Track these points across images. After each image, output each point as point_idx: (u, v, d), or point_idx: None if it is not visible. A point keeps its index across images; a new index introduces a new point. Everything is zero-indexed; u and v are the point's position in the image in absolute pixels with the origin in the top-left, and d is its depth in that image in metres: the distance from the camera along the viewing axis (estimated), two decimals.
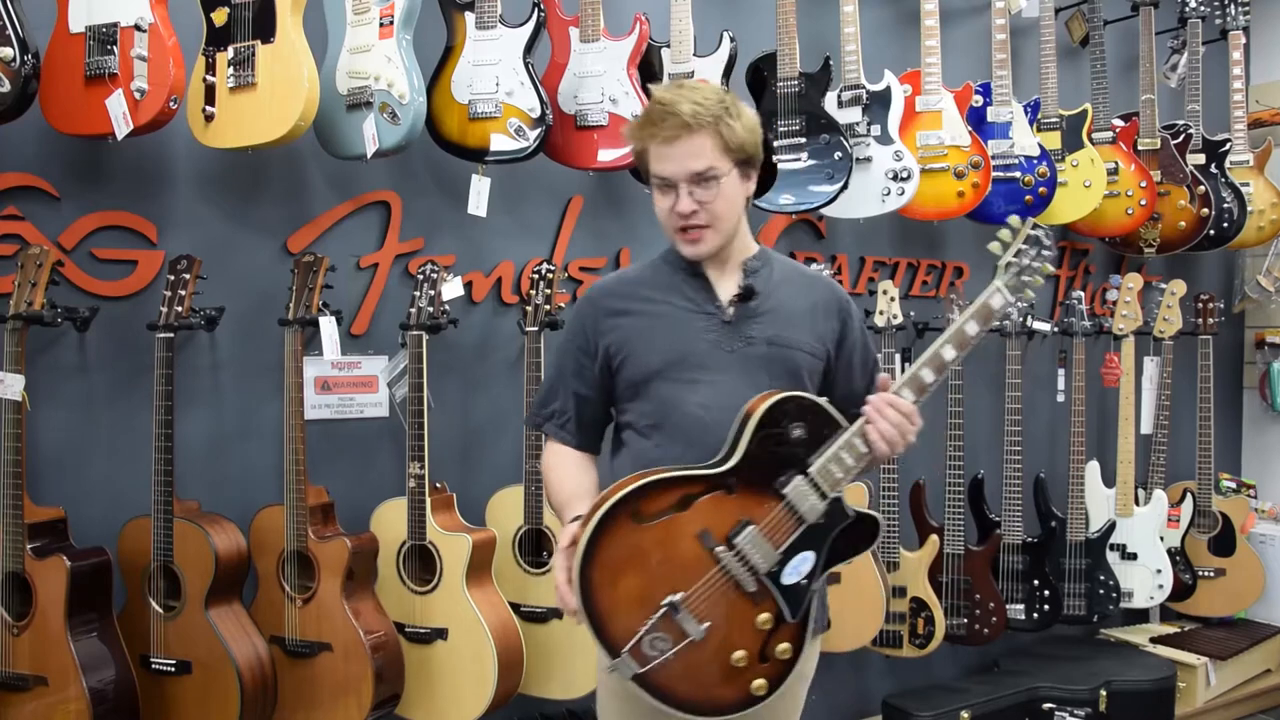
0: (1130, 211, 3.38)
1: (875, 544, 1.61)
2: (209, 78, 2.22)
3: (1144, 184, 3.38)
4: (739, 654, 1.50)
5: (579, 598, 1.45)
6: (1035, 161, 3.13)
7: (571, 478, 1.71)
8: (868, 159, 2.86)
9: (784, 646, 1.53)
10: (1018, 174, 3.10)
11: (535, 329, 2.50)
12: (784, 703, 1.65)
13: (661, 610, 1.47)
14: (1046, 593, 3.22)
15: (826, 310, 1.73)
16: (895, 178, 2.85)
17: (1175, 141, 3.53)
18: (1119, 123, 3.48)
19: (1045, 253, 1.61)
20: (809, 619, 1.55)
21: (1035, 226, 1.63)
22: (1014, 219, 1.65)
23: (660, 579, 1.48)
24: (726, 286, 1.68)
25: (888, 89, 2.90)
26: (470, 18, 2.47)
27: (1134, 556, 3.44)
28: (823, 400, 1.57)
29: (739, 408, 1.55)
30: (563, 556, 1.49)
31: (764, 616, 1.52)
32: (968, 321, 1.58)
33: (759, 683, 1.52)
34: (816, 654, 1.78)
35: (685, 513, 1.50)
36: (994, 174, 3.03)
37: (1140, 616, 3.89)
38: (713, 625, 1.49)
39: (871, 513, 1.59)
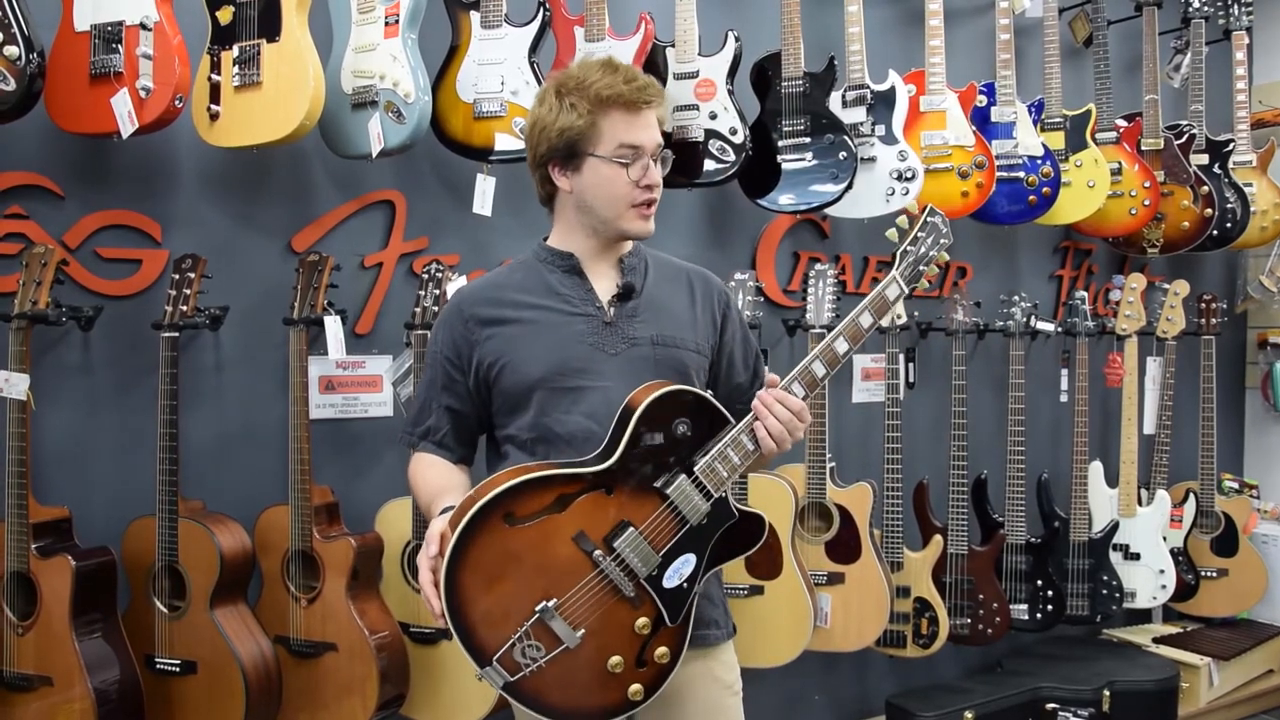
0: (1133, 212, 3.38)
1: (759, 544, 1.54)
2: (214, 76, 2.22)
3: (1147, 184, 3.37)
4: (615, 659, 1.45)
5: (444, 603, 1.38)
6: (1039, 161, 3.13)
7: (443, 475, 1.62)
8: (872, 159, 2.86)
9: (662, 650, 1.47)
10: (1021, 174, 3.10)
11: None
12: (718, 719, 1.63)
13: (534, 618, 1.41)
14: (1050, 593, 3.22)
15: (705, 302, 1.68)
16: (900, 178, 2.85)
17: (1179, 142, 3.52)
18: (1122, 123, 3.48)
19: (942, 240, 1.63)
20: (689, 622, 1.50)
21: (932, 213, 1.64)
22: (912, 205, 1.66)
23: (534, 584, 1.41)
24: (604, 285, 1.61)
25: (892, 89, 2.90)
26: (475, 17, 2.46)
27: (1137, 557, 3.43)
28: (708, 394, 1.53)
29: None
30: (428, 557, 1.41)
31: (642, 621, 1.46)
32: (862, 314, 1.58)
33: (635, 688, 1.46)
34: (735, 663, 1.70)
35: (562, 514, 1.43)
36: (998, 174, 3.02)
37: (1143, 617, 3.89)
38: (588, 632, 1.43)
39: (757, 512, 1.53)
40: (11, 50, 1.98)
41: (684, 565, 1.48)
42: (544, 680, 1.42)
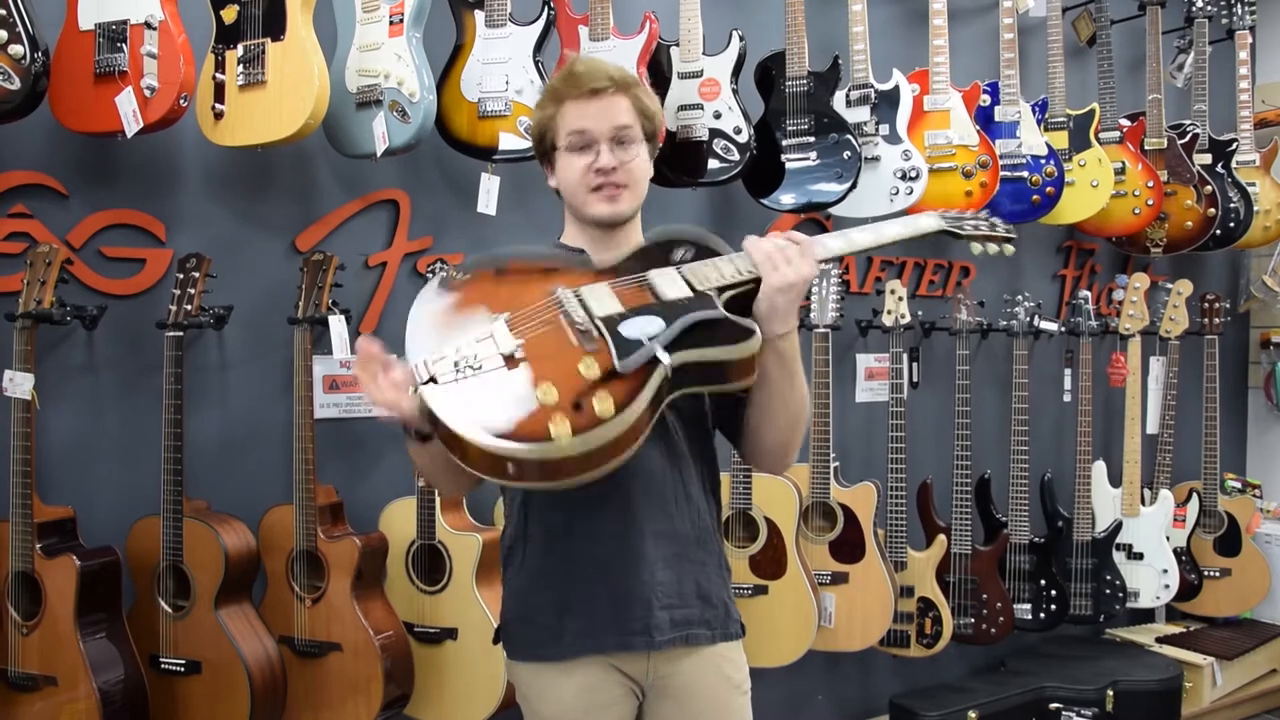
0: (1137, 211, 3.38)
1: (738, 347, 1.39)
2: (218, 75, 2.21)
3: (1150, 184, 3.37)
4: (547, 386, 1.29)
5: (410, 327, 1.40)
6: (1043, 161, 3.12)
7: None
8: (876, 158, 2.86)
9: (605, 404, 1.28)
10: (1025, 173, 3.10)
11: None
12: (725, 717, 1.61)
13: (484, 331, 1.36)
14: (1053, 592, 3.22)
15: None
16: (904, 177, 2.85)
17: (1182, 141, 3.52)
18: (1126, 122, 3.48)
19: (999, 229, 1.66)
20: (644, 388, 1.31)
21: (995, 225, 1.67)
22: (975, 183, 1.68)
23: (497, 307, 1.41)
24: None
25: (896, 88, 2.89)
26: (480, 16, 2.46)
27: (1140, 556, 3.43)
28: (716, 239, 1.54)
29: None
30: (366, 357, 1.41)
31: (589, 362, 1.32)
32: (890, 224, 1.60)
33: (562, 427, 1.25)
34: (744, 663, 1.68)
35: (546, 278, 1.46)
36: (1002, 173, 3.02)
37: (1146, 616, 3.89)
38: (527, 347, 1.34)
39: (749, 324, 1.41)
40: (16, 49, 1.98)
41: (648, 324, 1.38)
42: (467, 390, 1.31)
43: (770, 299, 1.45)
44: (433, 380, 1.32)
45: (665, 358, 1.34)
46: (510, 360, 1.33)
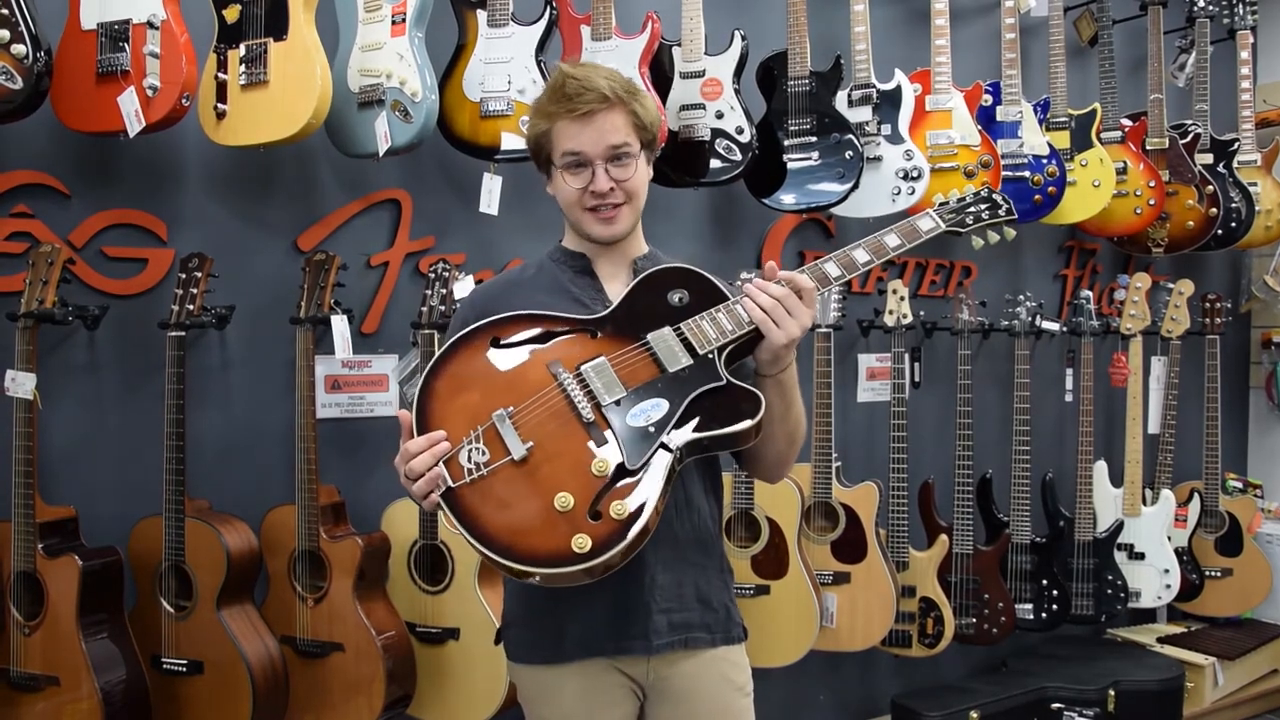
0: (1138, 211, 3.38)
1: (748, 423, 1.40)
2: (220, 75, 2.21)
3: (1152, 183, 3.37)
4: (564, 496, 1.33)
5: (416, 406, 1.39)
6: (1044, 161, 3.12)
7: None
8: (878, 158, 2.85)
9: (619, 505, 1.33)
10: (1027, 173, 3.10)
11: None
12: (727, 719, 1.62)
13: (488, 423, 1.36)
14: (1055, 592, 3.22)
15: None
16: (905, 177, 2.85)
17: (1183, 141, 3.52)
18: (1127, 122, 3.48)
19: (1001, 211, 1.63)
20: (656, 483, 1.35)
21: (992, 192, 1.66)
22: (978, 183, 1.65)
23: (498, 397, 1.40)
24: (615, 287, 1.60)
25: (898, 88, 2.89)
26: (482, 15, 2.46)
27: (1141, 556, 3.43)
28: (715, 278, 1.51)
29: None
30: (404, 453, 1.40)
31: (600, 460, 1.35)
32: (889, 234, 1.57)
33: (583, 540, 1.31)
34: (747, 665, 1.68)
35: (544, 346, 1.45)
36: (1003, 173, 3.02)
37: (1147, 616, 3.89)
38: (537, 448, 1.35)
39: (752, 389, 1.43)
40: (18, 49, 1.97)
41: (653, 408, 1.39)
42: (484, 495, 1.34)
43: (773, 351, 1.46)
44: (449, 486, 1.35)
45: (674, 446, 1.37)
46: (522, 464, 1.35)
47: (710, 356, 1.43)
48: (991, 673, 3.42)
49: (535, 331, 1.46)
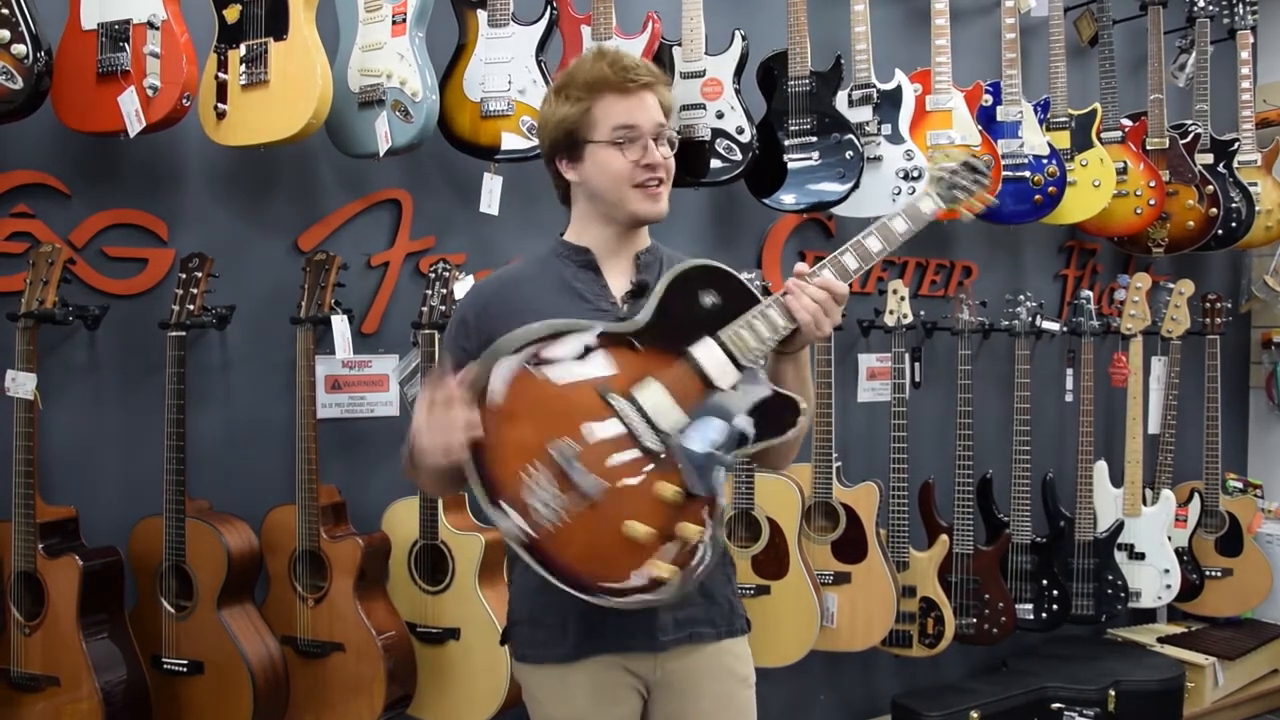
0: (1139, 211, 3.38)
1: (796, 429, 1.46)
2: (221, 75, 2.21)
3: (1152, 183, 3.37)
4: (638, 527, 1.36)
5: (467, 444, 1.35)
6: (1045, 161, 3.12)
7: None
8: (878, 158, 2.85)
9: (692, 528, 1.38)
10: (1027, 173, 3.09)
11: None
12: (730, 711, 1.62)
13: (550, 458, 1.35)
14: (1055, 592, 3.22)
15: None
16: (906, 177, 2.85)
17: (1183, 141, 3.52)
18: (1128, 122, 3.48)
19: (981, 179, 1.63)
20: (718, 502, 1.41)
21: (975, 157, 1.66)
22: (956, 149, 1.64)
23: (552, 425, 1.37)
24: (619, 282, 1.59)
25: (898, 88, 2.89)
26: (483, 15, 2.46)
27: (1142, 556, 3.43)
28: (741, 275, 1.51)
29: None
30: (440, 390, 1.36)
31: (668, 487, 1.37)
32: (895, 218, 1.56)
33: (664, 566, 1.36)
34: (749, 656, 1.69)
35: (587, 364, 1.41)
36: (1004, 173, 3.02)
37: (1148, 616, 3.89)
38: (610, 491, 1.36)
39: (792, 395, 1.47)
40: (19, 48, 1.97)
41: (710, 429, 1.41)
42: (562, 539, 1.36)
43: (807, 342, 1.50)
44: (528, 535, 1.35)
45: (731, 462, 1.44)
46: (596, 504, 1.36)
47: (754, 368, 1.46)
48: (992, 673, 3.42)
49: (574, 347, 1.42)
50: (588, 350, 1.42)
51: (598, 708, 1.58)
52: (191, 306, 2.21)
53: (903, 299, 3.05)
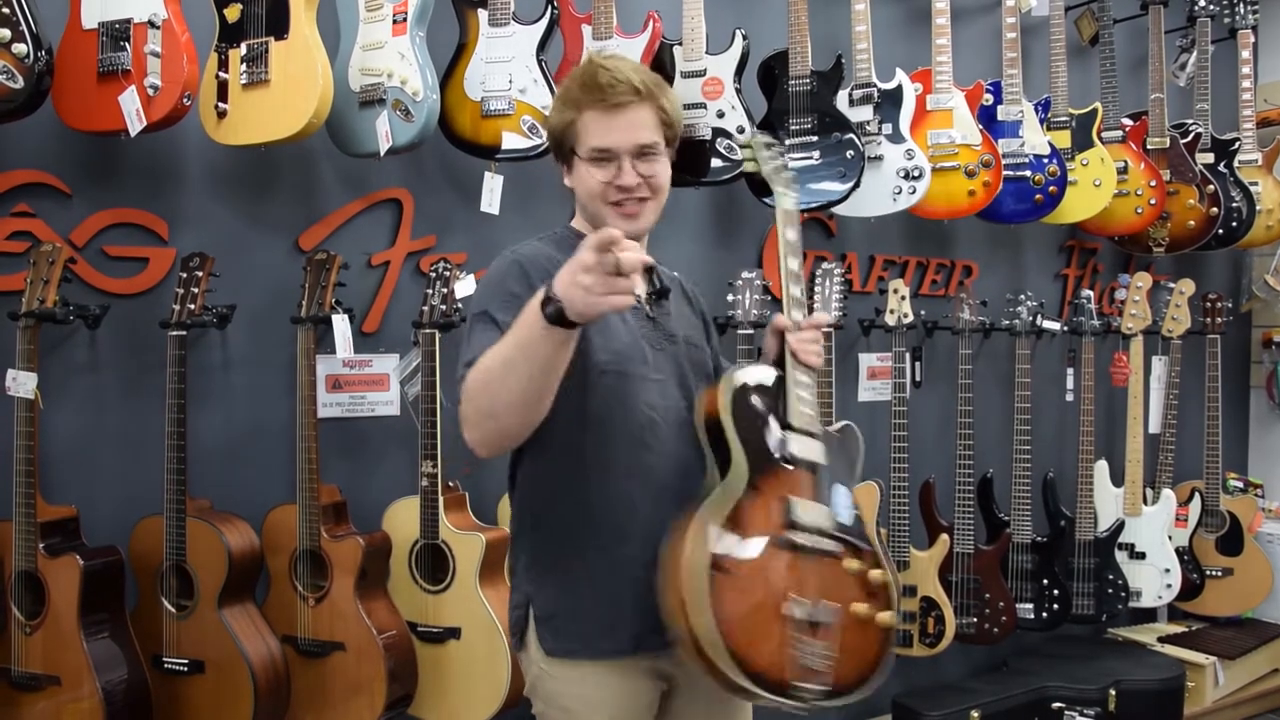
0: (1139, 210, 3.38)
1: (859, 440, 1.74)
2: (222, 74, 2.21)
3: (1153, 183, 3.37)
4: (858, 606, 1.51)
5: (719, 626, 1.38)
6: (1045, 160, 3.12)
7: None
8: (879, 157, 2.85)
9: (875, 573, 1.54)
10: (1028, 173, 3.09)
11: None
12: (732, 706, 1.66)
13: (793, 619, 1.45)
14: (1055, 592, 3.22)
15: (696, 307, 1.78)
16: (907, 176, 2.85)
17: (1184, 140, 3.52)
18: (1128, 122, 3.48)
19: (780, 150, 1.83)
20: (873, 542, 1.60)
21: (756, 134, 1.81)
22: (741, 137, 1.95)
23: (775, 588, 1.45)
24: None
25: (899, 87, 2.89)
26: (483, 14, 2.46)
27: (1142, 556, 3.43)
28: (752, 373, 1.63)
29: (673, 409, 1.58)
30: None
31: (864, 568, 1.53)
32: (786, 230, 1.69)
33: (884, 616, 1.52)
34: None
35: (743, 524, 1.49)
36: (1004, 173, 3.01)
37: (1148, 616, 3.89)
38: (840, 606, 1.49)
39: (847, 422, 1.75)
40: (19, 48, 1.97)
41: (844, 498, 1.58)
42: (841, 663, 1.47)
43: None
44: (832, 685, 1.44)
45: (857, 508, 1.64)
46: (822, 628, 1.46)
47: (817, 431, 1.62)
48: (992, 672, 3.42)
49: (726, 525, 1.48)
50: (735, 520, 1.48)
51: (623, 703, 1.59)
52: (192, 306, 2.21)
53: (903, 298, 3.05)
